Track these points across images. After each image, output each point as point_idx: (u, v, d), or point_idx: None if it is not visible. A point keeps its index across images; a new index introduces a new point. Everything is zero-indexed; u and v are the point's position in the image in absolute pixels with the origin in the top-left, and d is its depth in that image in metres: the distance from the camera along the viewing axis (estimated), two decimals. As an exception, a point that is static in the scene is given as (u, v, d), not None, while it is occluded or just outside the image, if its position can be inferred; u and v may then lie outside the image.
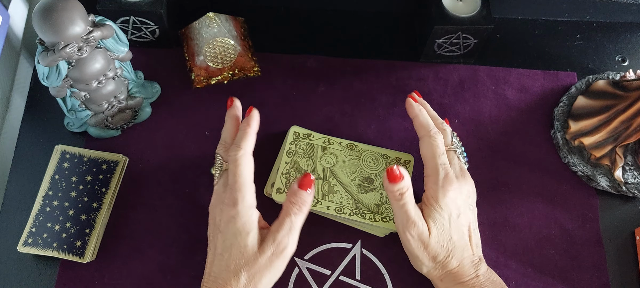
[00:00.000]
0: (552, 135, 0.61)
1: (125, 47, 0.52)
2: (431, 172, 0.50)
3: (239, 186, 0.47)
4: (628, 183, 0.57)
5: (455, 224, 0.48)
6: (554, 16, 0.70)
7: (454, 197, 0.48)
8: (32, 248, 0.52)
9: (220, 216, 0.47)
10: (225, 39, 0.60)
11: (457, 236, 0.48)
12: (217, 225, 0.47)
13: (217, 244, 0.47)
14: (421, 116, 0.53)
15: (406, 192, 0.48)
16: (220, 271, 0.46)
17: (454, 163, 0.51)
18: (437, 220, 0.48)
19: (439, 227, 0.48)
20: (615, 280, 0.55)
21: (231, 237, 0.46)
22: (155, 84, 0.61)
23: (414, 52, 0.66)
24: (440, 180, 0.49)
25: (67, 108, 0.55)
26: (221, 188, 0.48)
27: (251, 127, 0.50)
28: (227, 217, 0.46)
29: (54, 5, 0.44)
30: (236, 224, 0.46)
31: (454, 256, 0.48)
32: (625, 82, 0.60)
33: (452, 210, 0.48)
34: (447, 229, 0.48)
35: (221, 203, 0.47)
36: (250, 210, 0.47)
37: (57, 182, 0.55)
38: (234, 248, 0.45)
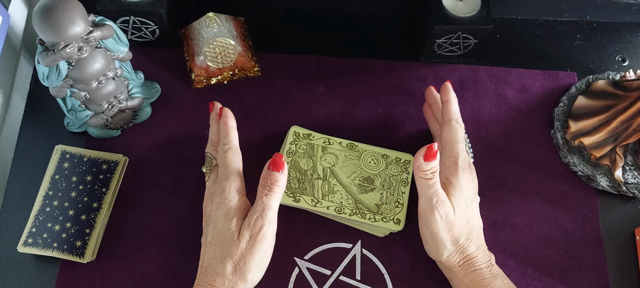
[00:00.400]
0: (552, 135, 0.61)
1: (125, 47, 0.52)
2: (452, 155, 0.51)
3: (227, 175, 0.49)
4: (628, 183, 0.57)
5: (470, 208, 0.50)
6: (554, 16, 0.70)
7: (468, 183, 0.51)
8: (32, 248, 0.52)
9: (210, 206, 0.49)
10: (225, 39, 0.60)
11: (472, 220, 0.50)
12: (208, 215, 0.49)
13: (208, 233, 0.49)
14: (453, 102, 0.54)
15: (436, 172, 0.48)
16: (209, 261, 0.47)
17: (468, 153, 0.54)
18: (459, 199, 0.49)
19: (462, 207, 0.49)
20: (615, 280, 0.55)
21: (219, 224, 0.47)
22: (155, 84, 0.61)
23: (414, 52, 0.66)
24: (460, 163, 0.50)
25: (67, 108, 0.55)
26: (211, 182, 0.51)
27: (229, 123, 0.53)
28: (216, 204, 0.48)
29: (54, 5, 0.44)
30: (223, 209, 0.48)
31: (472, 240, 0.49)
32: (625, 82, 0.60)
33: (468, 193, 0.50)
34: (466, 211, 0.49)
35: (212, 194, 0.50)
36: (237, 194, 0.48)
37: (57, 182, 0.55)
38: (220, 236, 0.47)
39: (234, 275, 0.46)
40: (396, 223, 0.53)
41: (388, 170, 0.56)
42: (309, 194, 0.54)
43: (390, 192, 0.55)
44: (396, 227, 0.53)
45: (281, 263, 0.54)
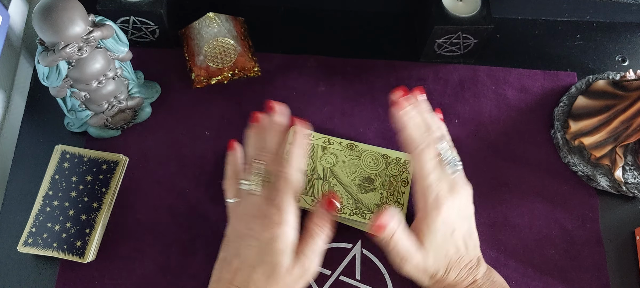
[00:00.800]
0: (552, 135, 0.61)
1: (125, 47, 0.52)
2: (420, 195, 0.48)
3: (287, 206, 0.46)
4: (628, 183, 0.57)
5: (450, 241, 0.47)
6: (554, 16, 0.70)
7: (446, 217, 0.47)
8: (32, 248, 0.52)
9: (261, 230, 0.46)
10: (225, 39, 0.60)
11: (453, 251, 0.47)
12: (249, 234, 0.46)
13: (248, 255, 0.46)
14: (407, 129, 0.49)
15: (393, 235, 0.46)
16: (245, 283, 0.45)
17: (444, 179, 0.48)
18: (432, 243, 0.47)
19: (435, 249, 0.47)
20: (615, 280, 0.55)
21: (270, 254, 0.45)
22: (155, 84, 0.61)
23: (414, 52, 0.66)
24: (429, 204, 0.47)
25: (67, 108, 0.55)
26: (263, 201, 0.47)
27: (304, 148, 0.50)
28: (271, 235, 0.45)
29: (54, 5, 0.44)
30: (278, 244, 0.45)
31: (451, 269, 0.47)
32: (625, 82, 0.60)
33: (446, 229, 0.47)
34: (443, 248, 0.47)
35: (264, 218, 0.46)
36: (293, 231, 0.46)
37: (57, 182, 0.55)
38: (267, 265, 0.45)
39: None
40: None
41: (388, 170, 0.56)
42: (309, 194, 0.54)
43: (390, 192, 0.55)
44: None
45: (281, 263, 0.54)
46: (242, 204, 0.49)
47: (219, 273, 0.47)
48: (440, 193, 0.47)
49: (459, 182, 0.49)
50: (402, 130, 0.49)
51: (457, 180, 0.48)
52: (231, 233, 0.49)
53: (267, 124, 0.51)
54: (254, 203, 0.48)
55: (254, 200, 0.48)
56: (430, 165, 0.47)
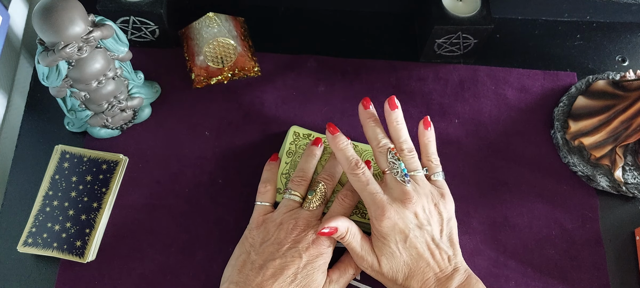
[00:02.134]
0: (552, 135, 0.61)
1: (125, 47, 0.52)
2: (366, 206, 0.49)
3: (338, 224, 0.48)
4: (628, 183, 0.57)
5: (404, 248, 0.47)
6: (554, 16, 0.70)
7: (392, 225, 0.47)
8: (32, 248, 0.52)
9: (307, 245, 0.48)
10: (225, 39, 0.60)
11: (410, 259, 0.47)
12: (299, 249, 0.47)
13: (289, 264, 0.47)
14: (339, 152, 0.50)
15: (346, 235, 0.48)
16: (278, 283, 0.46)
17: (391, 188, 0.49)
18: (383, 249, 0.48)
19: (388, 255, 0.47)
20: (615, 280, 0.55)
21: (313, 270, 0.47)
22: (155, 84, 0.61)
23: (414, 52, 0.66)
24: (372, 213, 0.48)
25: (67, 108, 0.55)
26: (315, 217, 0.50)
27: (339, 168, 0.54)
28: (318, 252, 0.48)
29: (54, 5, 0.44)
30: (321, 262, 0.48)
31: (413, 277, 0.47)
32: (625, 82, 0.60)
33: (395, 235, 0.47)
34: (398, 255, 0.47)
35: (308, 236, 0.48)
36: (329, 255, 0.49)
37: (57, 182, 0.55)
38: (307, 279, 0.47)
39: None
40: None
41: (388, 170, 0.56)
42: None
43: (390, 192, 0.55)
44: None
45: (281, 263, 0.54)
46: (279, 212, 0.50)
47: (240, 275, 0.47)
48: (383, 200, 0.48)
49: (411, 191, 0.48)
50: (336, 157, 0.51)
51: (407, 189, 0.48)
52: (260, 237, 0.49)
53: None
54: (303, 217, 0.49)
55: (304, 214, 0.50)
56: (365, 178, 0.49)
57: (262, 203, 0.52)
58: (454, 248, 0.49)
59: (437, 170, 0.52)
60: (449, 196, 0.51)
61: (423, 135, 0.53)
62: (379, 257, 0.48)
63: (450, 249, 0.49)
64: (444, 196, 0.51)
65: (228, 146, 0.59)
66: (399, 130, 0.52)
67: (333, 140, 0.51)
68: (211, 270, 0.53)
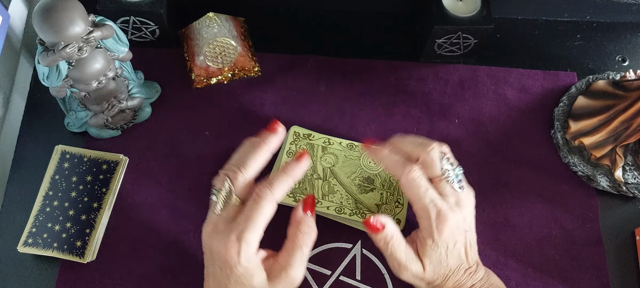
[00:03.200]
0: (552, 135, 0.61)
1: (125, 47, 0.52)
2: (421, 214, 0.46)
3: (251, 229, 0.42)
4: (628, 183, 0.57)
5: (451, 253, 0.46)
6: (554, 16, 0.70)
7: (450, 231, 0.45)
8: (32, 248, 0.52)
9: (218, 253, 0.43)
10: (225, 39, 0.60)
11: (453, 261, 0.47)
12: (215, 258, 0.43)
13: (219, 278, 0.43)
14: (387, 160, 0.47)
15: (391, 240, 0.46)
16: None
17: (447, 195, 0.46)
18: (432, 256, 0.46)
19: (435, 262, 0.46)
20: (615, 280, 0.55)
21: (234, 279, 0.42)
22: (155, 84, 0.61)
23: (414, 52, 0.66)
24: (433, 221, 0.45)
25: (67, 108, 0.55)
26: (223, 221, 0.43)
27: (295, 176, 0.45)
28: (229, 261, 0.42)
29: (54, 5, 0.44)
30: (238, 270, 0.42)
31: (451, 277, 0.47)
32: (625, 82, 0.60)
33: (448, 242, 0.46)
34: (444, 260, 0.46)
35: (225, 239, 0.42)
36: (253, 257, 0.42)
37: (57, 182, 0.55)
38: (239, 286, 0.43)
39: None
40: (396, 223, 0.53)
41: (388, 170, 0.56)
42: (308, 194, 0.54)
43: (390, 192, 0.55)
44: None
45: (281, 263, 0.54)
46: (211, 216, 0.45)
47: None
48: (443, 208, 0.45)
49: (464, 194, 0.47)
50: (383, 164, 0.48)
51: (461, 196, 0.47)
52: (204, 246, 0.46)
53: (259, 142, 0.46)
54: (214, 221, 0.44)
55: (215, 218, 0.44)
56: (425, 182, 0.46)
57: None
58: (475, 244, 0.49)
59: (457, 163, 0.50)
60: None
61: None
62: (425, 264, 0.46)
63: (475, 245, 0.49)
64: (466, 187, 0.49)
65: (228, 146, 0.59)
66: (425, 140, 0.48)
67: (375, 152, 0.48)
68: (211, 270, 0.53)
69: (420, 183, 0.45)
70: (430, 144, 0.47)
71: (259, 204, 0.43)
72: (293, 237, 0.44)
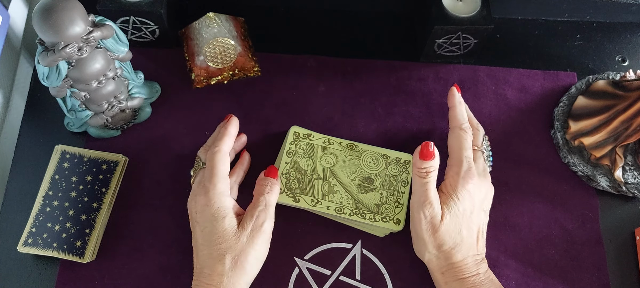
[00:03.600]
0: (552, 135, 0.61)
1: (125, 47, 0.52)
2: (455, 163, 0.51)
3: (211, 176, 0.49)
4: (628, 183, 0.57)
5: (467, 219, 0.49)
6: (554, 16, 0.70)
7: (472, 192, 0.49)
8: (32, 248, 0.52)
9: (195, 208, 0.49)
10: (225, 39, 0.60)
11: (466, 232, 0.49)
12: (194, 217, 0.50)
13: (197, 236, 0.49)
14: (458, 108, 0.54)
15: (432, 172, 0.49)
16: (204, 261, 0.47)
17: (479, 163, 0.53)
18: (452, 208, 0.49)
19: (453, 216, 0.48)
20: (615, 280, 0.55)
21: (208, 225, 0.48)
22: (155, 84, 0.61)
23: (414, 52, 0.66)
24: (462, 171, 0.50)
25: (67, 108, 0.55)
26: (196, 184, 0.51)
27: (228, 129, 0.53)
28: (201, 206, 0.49)
29: (54, 5, 0.44)
30: (210, 210, 0.48)
31: (459, 250, 0.48)
32: (625, 82, 0.60)
33: (467, 204, 0.49)
34: (459, 221, 0.49)
35: (195, 196, 0.50)
36: (223, 196, 0.49)
37: (57, 182, 0.55)
38: (213, 235, 0.47)
39: (233, 269, 0.46)
40: (396, 223, 0.53)
41: (388, 170, 0.56)
42: (309, 194, 0.54)
43: (390, 192, 0.55)
44: (396, 227, 0.53)
45: (281, 263, 0.54)
46: None
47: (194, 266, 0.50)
48: (473, 168, 0.51)
49: (489, 176, 0.54)
50: (453, 108, 0.55)
51: (487, 172, 0.54)
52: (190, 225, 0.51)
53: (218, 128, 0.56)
54: (192, 190, 0.52)
55: (193, 187, 0.52)
56: (470, 143, 0.52)
57: None
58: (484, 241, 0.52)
59: None
60: None
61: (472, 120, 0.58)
62: (444, 213, 0.49)
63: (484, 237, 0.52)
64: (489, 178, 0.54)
65: (228, 146, 0.59)
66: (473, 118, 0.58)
67: (455, 97, 0.56)
68: (211, 270, 0.53)
69: (466, 139, 0.52)
70: (479, 125, 0.57)
71: (211, 158, 0.50)
72: (256, 189, 0.51)
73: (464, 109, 0.56)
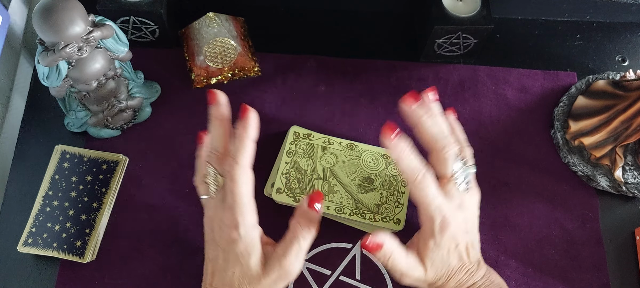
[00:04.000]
0: (552, 135, 0.61)
1: (125, 47, 0.52)
2: (426, 219, 0.45)
3: (240, 207, 0.43)
4: (628, 183, 0.57)
5: (453, 253, 0.46)
6: (554, 16, 0.70)
7: (452, 235, 0.45)
8: (32, 248, 0.52)
9: (220, 234, 0.44)
10: (225, 39, 0.60)
11: (455, 261, 0.46)
12: (217, 241, 0.45)
13: (218, 259, 0.45)
14: (403, 161, 0.45)
15: (391, 255, 0.44)
16: (222, 285, 0.44)
17: (452, 196, 0.46)
18: (434, 258, 0.46)
19: (437, 263, 0.46)
20: (615, 280, 0.55)
21: (233, 258, 0.43)
22: (155, 84, 0.61)
23: (414, 52, 0.66)
24: (436, 227, 0.45)
25: (67, 108, 0.55)
26: (219, 204, 0.45)
27: (249, 135, 0.44)
28: (228, 239, 0.43)
29: (54, 5, 0.45)
30: (238, 247, 0.43)
31: (452, 277, 0.47)
32: (625, 82, 0.60)
33: (451, 244, 0.45)
34: (446, 260, 0.46)
35: (220, 222, 0.44)
36: (252, 231, 0.44)
37: (57, 182, 0.55)
38: (236, 268, 0.43)
39: None
40: (396, 223, 0.53)
41: (388, 170, 0.56)
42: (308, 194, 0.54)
43: (390, 192, 0.55)
44: (396, 227, 0.53)
45: (281, 263, 0.54)
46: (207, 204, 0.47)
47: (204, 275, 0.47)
48: (447, 214, 0.45)
49: (468, 196, 0.47)
50: (398, 162, 0.45)
51: (465, 197, 0.47)
52: (205, 235, 0.47)
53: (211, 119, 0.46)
54: (211, 207, 0.46)
55: (212, 203, 0.46)
56: (434, 189, 0.45)
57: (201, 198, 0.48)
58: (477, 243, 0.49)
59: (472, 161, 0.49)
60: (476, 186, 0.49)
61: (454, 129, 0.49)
62: (427, 266, 0.46)
63: (478, 244, 0.49)
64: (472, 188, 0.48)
65: (228, 146, 0.59)
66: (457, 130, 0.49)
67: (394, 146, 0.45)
68: (211, 270, 0.53)
69: (428, 191, 0.44)
70: (448, 144, 0.46)
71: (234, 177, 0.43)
72: (293, 228, 0.44)
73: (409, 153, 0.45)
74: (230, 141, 0.45)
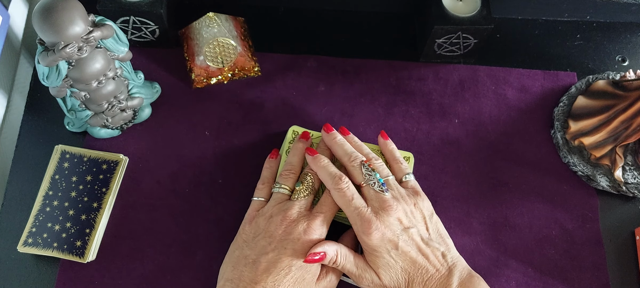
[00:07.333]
0: (552, 135, 0.61)
1: (125, 47, 0.52)
2: (351, 223, 0.49)
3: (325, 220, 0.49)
4: (628, 183, 0.57)
5: (397, 255, 0.47)
6: (554, 16, 0.70)
7: (380, 236, 0.47)
8: (32, 248, 0.52)
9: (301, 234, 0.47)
10: (225, 39, 0.60)
11: (406, 264, 0.47)
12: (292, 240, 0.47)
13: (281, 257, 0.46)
14: (321, 171, 0.51)
15: (337, 260, 0.48)
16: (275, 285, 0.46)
17: (371, 199, 0.49)
18: (378, 262, 0.47)
19: (385, 267, 0.47)
20: (615, 280, 0.55)
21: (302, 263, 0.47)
22: (155, 84, 0.61)
23: (414, 52, 0.66)
24: (358, 228, 0.48)
25: (67, 108, 0.55)
26: (304, 210, 0.49)
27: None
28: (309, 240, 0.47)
29: (54, 5, 0.44)
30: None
31: (414, 281, 0.47)
32: (625, 82, 0.60)
33: (386, 245, 0.47)
34: (394, 263, 0.47)
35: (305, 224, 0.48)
36: None
37: (57, 182, 0.55)
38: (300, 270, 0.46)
39: None
40: None
41: (388, 170, 0.56)
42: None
43: (390, 192, 0.55)
44: None
45: (281, 263, 0.54)
46: (269, 205, 0.50)
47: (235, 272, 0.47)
48: (366, 214, 0.47)
49: (390, 199, 0.49)
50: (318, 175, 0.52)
51: (386, 197, 0.48)
52: (252, 232, 0.49)
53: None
54: (291, 207, 0.49)
55: (293, 205, 0.49)
56: (350, 192, 0.49)
57: (258, 199, 0.52)
58: (445, 243, 0.49)
59: (408, 171, 0.53)
60: (423, 194, 0.51)
61: (385, 146, 0.55)
62: (377, 271, 0.47)
63: (442, 245, 0.49)
64: (419, 194, 0.51)
65: (228, 146, 0.59)
66: (361, 145, 0.54)
67: (314, 161, 0.51)
68: (211, 270, 0.53)
69: (345, 194, 0.49)
70: (354, 157, 0.51)
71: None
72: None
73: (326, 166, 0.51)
74: None
